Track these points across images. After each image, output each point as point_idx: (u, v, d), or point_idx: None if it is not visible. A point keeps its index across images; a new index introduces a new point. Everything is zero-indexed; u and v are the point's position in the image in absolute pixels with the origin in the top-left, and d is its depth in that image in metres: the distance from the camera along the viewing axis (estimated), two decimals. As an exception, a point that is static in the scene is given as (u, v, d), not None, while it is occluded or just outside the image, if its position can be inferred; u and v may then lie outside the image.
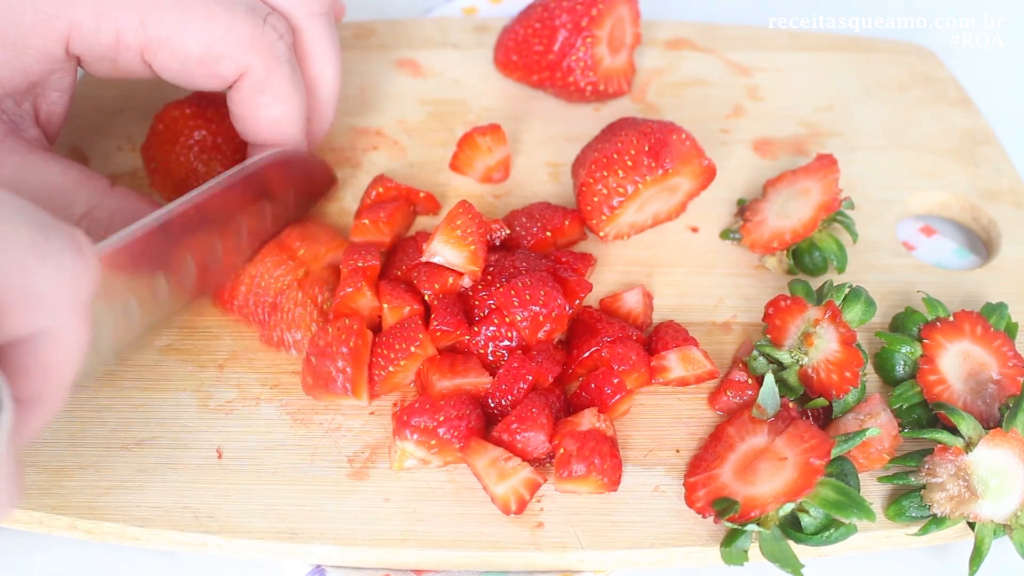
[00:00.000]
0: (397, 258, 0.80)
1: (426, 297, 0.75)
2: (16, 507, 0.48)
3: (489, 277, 0.75)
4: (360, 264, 0.76)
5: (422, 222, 0.86)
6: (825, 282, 0.76)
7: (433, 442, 0.68)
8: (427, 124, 0.94)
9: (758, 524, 0.65)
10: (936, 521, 0.67)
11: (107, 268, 0.63)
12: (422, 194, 0.85)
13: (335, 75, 0.82)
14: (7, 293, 0.46)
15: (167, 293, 0.70)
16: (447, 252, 0.74)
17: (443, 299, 0.74)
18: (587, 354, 0.74)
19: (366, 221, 0.81)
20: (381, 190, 0.84)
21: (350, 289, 0.75)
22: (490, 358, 0.74)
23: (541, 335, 0.73)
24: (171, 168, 0.84)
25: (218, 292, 0.78)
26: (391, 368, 0.72)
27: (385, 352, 0.73)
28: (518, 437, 0.68)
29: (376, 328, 0.76)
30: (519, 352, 0.73)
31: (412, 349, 0.72)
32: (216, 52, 0.73)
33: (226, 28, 0.73)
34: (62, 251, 0.49)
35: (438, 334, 0.73)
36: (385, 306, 0.74)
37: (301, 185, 0.83)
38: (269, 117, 0.78)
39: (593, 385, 0.72)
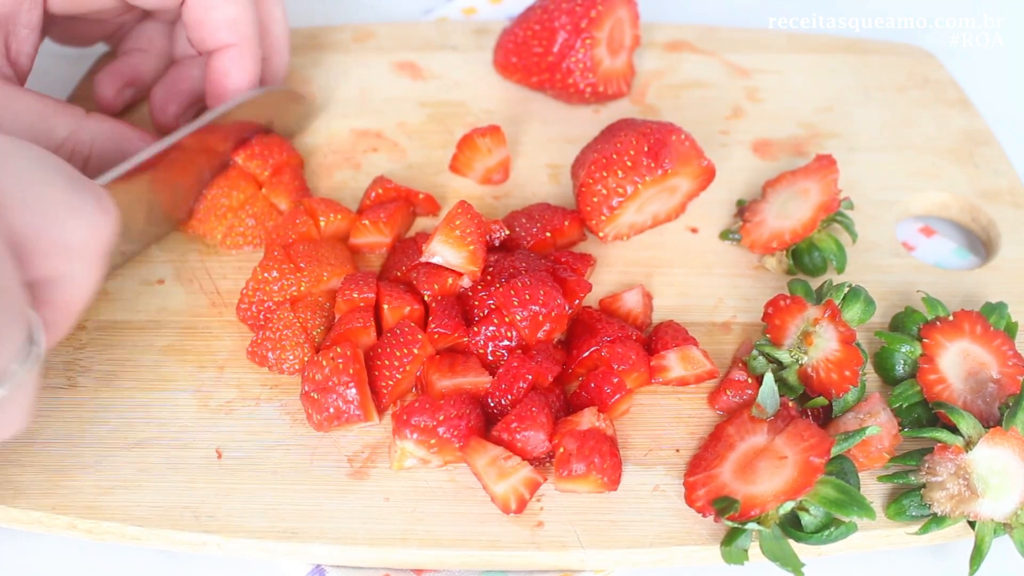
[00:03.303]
0: (396, 259, 0.80)
1: (426, 297, 0.75)
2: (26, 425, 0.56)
3: (489, 277, 0.75)
4: (355, 296, 0.75)
5: (421, 223, 0.86)
6: (824, 282, 0.76)
7: (433, 441, 0.68)
8: (427, 126, 0.94)
9: (758, 523, 0.65)
10: (936, 520, 0.67)
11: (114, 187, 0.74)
12: (421, 195, 0.85)
13: (284, 14, 0.88)
14: (40, 243, 0.53)
15: (158, 212, 0.81)
16: (446, 252, 0.74)
17: (441, 301, 0.74)
18: (587, 354, 0.74)
19: (366, 222, 0.81)
20: (381, 191, 0.84)
21: (358, 324, 0.74)
22: (490, 358, 0.74)
23: (541, 335, 0.73)
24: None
25: (188, 214, 0.84)
26: (398, 375, 0.72)
27: (387, 362, 0.72)
28: (518, 436, 0.68)
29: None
30: (519, 352, 0.73)
31: (415, 351, 0.72)
32: None
33: None
34: (90, 208, 0.55)
35: (436, 336, 0.73)
36: (385, 306, 0.74)
37: (276, 117, 0.86)
38: (224, 18, 0.81)
39: (593, 384, 0.72)
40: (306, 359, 0.74)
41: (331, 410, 0.70)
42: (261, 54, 0.85)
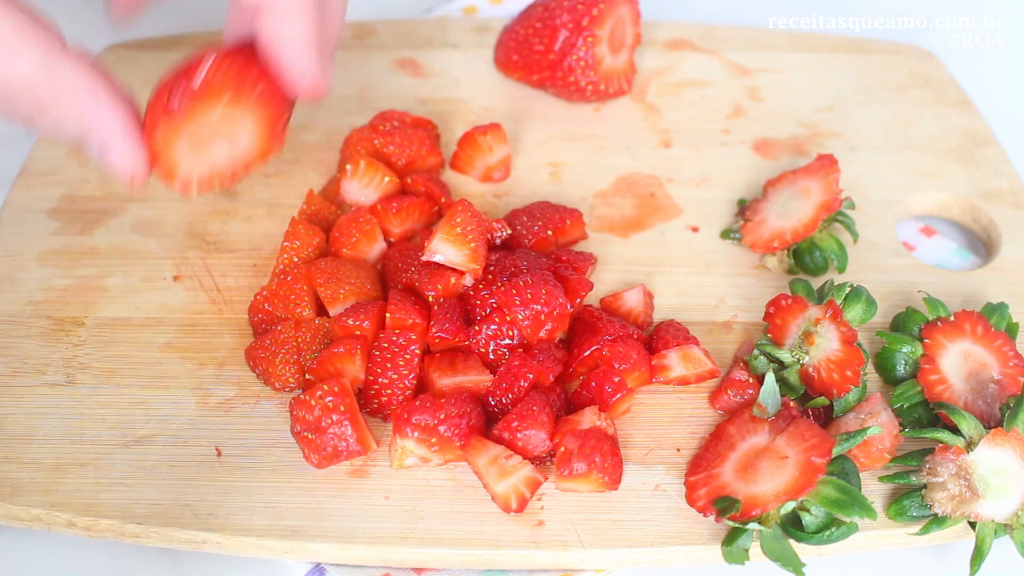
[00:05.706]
0: (400, 261, 0.80)
1: (430, 299, 0.75)
2: None
3: (490, 276, 0.75)
4: (351, 323, 0.73)
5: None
6: (826, 282, 0.76)
7: (434, 440, 0.68)
8: (427, 123, 0.94)
9: (759, 523, 0.65)
10: (937, 520, 0.67)
11: None
12: (443, 199, 0.84)
13: None
14: None
15: None
16: (447, 250, 0.74)
17: (443, 304, 0.74)
18: (588, 353, 0.74)
19: (378, 207, 0.81)
20: (409, 180, 0.84)
21: (340, 350, 0.72)
22: (491, 357, 0.73)
23: (542, 334, 0.73)
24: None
25: None
26: (400, 396, 0.72)
27: (385, 376, 0.72)
28: (519, 435, 0.68)
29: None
30: (520, 351, 0.73)
31: (413, 357, 0.72)
32: None
33: None
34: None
35: (437, 340, 0.73)
36: (388, 316, 0.74)
37: None
38: None
39: (594, 384, 0.72)
40: (292, 381, 0.73)
41: (329, 449, 0.69)
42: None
